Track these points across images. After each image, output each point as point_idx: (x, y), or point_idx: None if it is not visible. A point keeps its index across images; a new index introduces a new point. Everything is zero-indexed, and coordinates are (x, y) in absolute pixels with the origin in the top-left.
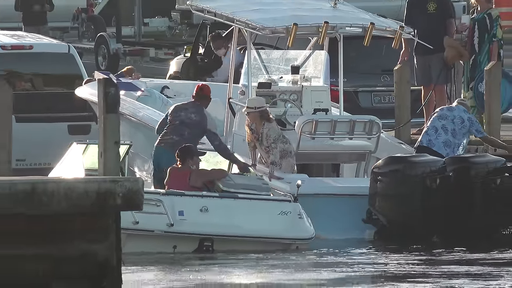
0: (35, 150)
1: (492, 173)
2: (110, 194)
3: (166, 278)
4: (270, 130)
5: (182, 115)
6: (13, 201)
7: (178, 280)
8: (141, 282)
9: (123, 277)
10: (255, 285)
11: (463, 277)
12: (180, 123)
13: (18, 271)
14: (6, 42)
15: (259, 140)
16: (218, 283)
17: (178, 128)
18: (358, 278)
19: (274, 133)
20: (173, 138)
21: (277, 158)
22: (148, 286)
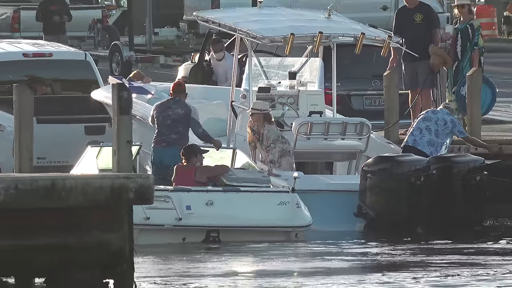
0: (55, 149)
1: (472, 171)
2: (123, 189)
3: (176, 267)
4: (269, 132)
5: (170, 113)
6: (34, 196)
7: (188, 268)
8: (154, 270)
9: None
10: (258, 272)
11: (447, 266)
12: (172, 121)
13: (40, 259)
14: (28, 50)
15: (260, 140)
16: (225, 271)
17: (172, 126)
18: (350, 266)
19: (273, 134)
20: (171, 136)
21: (276, 157)
22: (160, 272)
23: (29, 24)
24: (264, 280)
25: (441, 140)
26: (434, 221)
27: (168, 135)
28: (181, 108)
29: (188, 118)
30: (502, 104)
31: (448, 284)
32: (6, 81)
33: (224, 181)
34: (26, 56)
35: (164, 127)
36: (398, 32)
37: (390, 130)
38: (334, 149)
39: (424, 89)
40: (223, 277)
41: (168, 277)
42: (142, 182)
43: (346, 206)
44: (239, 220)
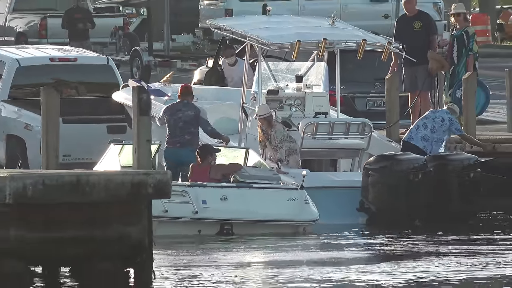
0: (79, 147)
1: (466, 168)
2: (143, 184)
3: (192, 258)
4: (276, 133)
5: (181, 116)
6: (60, 191)
7: (203, 258)
8: (171, 259)
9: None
10: (268, 262)
11: (445, 255)
12: (184, 123)
13: (66, 251)
14: (55, 55)
15: (268, 140)
16: (237, 261)
17: (184, 128)
18: (354, 256)
19: (280, 134)
20: (184, 137)
21: (283, 156)
22: (177, 262)
23: (55, 31)
24: (274, 270)
25: (437, 136)
26: (431, 215)
27: (181, 136)
28: (190, 110)
29: (197, 119)
30: (495, 105)
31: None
32: (34, 84)
33: (237, 178)
34: (53, 61)
35: (176, 129)
36: (399, 39)
37: (391, 130)
38: (338, 147)
39: (422, 92)
40: (236, 267)
41: (184, 267)
42: (160, 178)
43: (349, 201)
44: (251, 214)
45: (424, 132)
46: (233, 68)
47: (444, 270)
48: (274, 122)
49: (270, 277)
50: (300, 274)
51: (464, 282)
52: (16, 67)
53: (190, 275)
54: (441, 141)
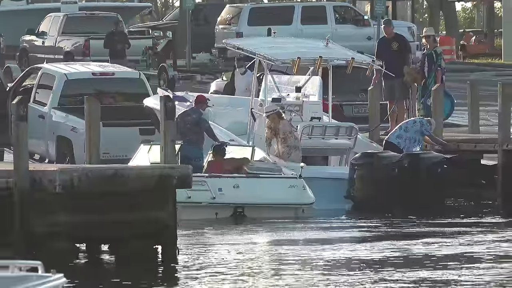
0: (116, 146)
1: (435, 164)
2: (168, 177)
3: (210, 236)
4: (284, 126)
5: (189, 119)
6: (101, 182)
7: (220, 236)
8: (192, 238)
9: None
10: (273, 242)
11: (418, 236)
12: (191, 125)
13: (106, 231)
14: (96, 70)
15: (277, 133)
16: (249, 238)
17: (192, 129)
18: (344, 235)
19: (288, 127)
20: (192, 138)
21: (293, 144)
22: (197, 241)
23: (96, 50)
24: (278, 247)
25: (410, 135)
26: (406, 202)
27: (190, 135)
28: (195, 115)
29: (200, 120)
30: (459, 111)
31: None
32: (79, 94)
33: (247, 170)
34: (95, 75)
35: (185, 129)
36: (379, 57)
37: (373, 132)
38: (329, 146)
39: (399, 100)
40: (247, 245)
41: (203, 244)
42: (183, 171)
43: (338, 190)
44: (259, 199)
45: (399, 132)
46: (242, 76)
47: (414, 247)
48: (282, 116)
49: (275, 254)
50: (300, 250)
51: (429, 256)
52: (65, 80)
53: (208, 251)
54: (414, 140)
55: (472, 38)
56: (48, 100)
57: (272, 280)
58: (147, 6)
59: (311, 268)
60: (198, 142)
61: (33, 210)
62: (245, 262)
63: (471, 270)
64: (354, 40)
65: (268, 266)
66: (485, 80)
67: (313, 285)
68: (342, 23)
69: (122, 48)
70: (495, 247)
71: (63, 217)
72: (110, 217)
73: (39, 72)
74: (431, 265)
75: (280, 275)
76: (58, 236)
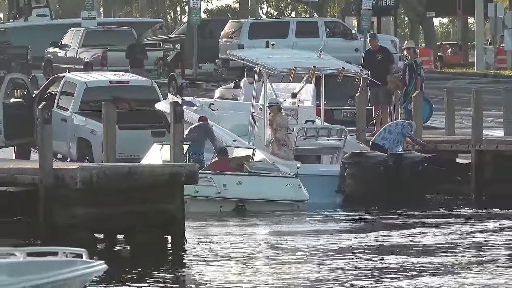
0: (130, 146)
1: (416, 163)
2: (177, 174)
3: (215, 227)
4: (280, 119)
5: (195, 129)
6: (117, 178)
7: (224, 227)
8: (199, 229)
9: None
10: (271, 233)
11: (401, 226)
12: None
13: (121, 222)
14: (113, 79)
15: (271, 124)
16: (250, 230)
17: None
18: (337, 226)
19: (284, 120)
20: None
21: (282, 137)
22: (204, 231)
23: (113, 61)
24: (276, 237)
25: (393, 136)
26: (391, 197)
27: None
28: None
29: (205, 133)
30: (437, 115)
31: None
32: (97, 100)
33: (248, 169)
34: (111, 83)
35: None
36: (366, 67)
37: (360, 135)
38: (321, 146)
39: (383, 106)
40: (248, 235)
41: (209, 235)
42: (190, 169)
43: (330, 186)
44: (259, 195)
45: (384, 134)
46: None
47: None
48: (281, 110)
49: (272, 243)
50: (295, 240)
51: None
52: (84, 88)
53: (213, 241)
54: (397, 141)
55: (448, 50)
56: (69, 106)
57: (270, 266)
58: (158, 22)
59: (305, 256)
60: (201, 146)
61: (56, 204)
62: (245, 250)
63: (447, 256)
64: (343, 52)
65: (266, 254)
66: (460, 88)
67: (306, 270)
68: (332, 36)
69: (141, 59)
70: (469, 236)
71: (83, 210)
72: (124, 210)
73: (62, 81)
74: (412, 252)
75: (277, 262)
76: (79, 227)
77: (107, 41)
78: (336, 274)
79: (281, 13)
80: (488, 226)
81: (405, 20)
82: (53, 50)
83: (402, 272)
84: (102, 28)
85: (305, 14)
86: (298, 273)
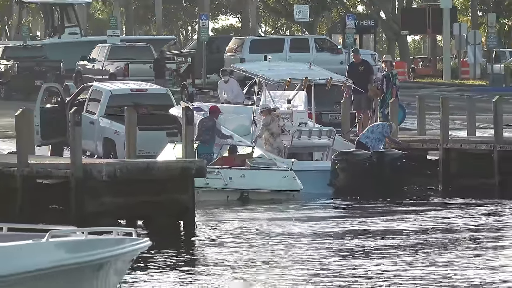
0: (148, 145)
1: (396, 159)
2: (188, 168)
3: (222, 214)
4: (270, 119)
5: (205, 125)
6: (137, 172)
7: (230, 214)
8: (208, 216)
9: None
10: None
11: (383, 213)
12: (206, 129)
13: (140, 210)
14: (133, 88)
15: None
16: (252, 216)
17: (206, 132)
18: (326, 214)
19: (265, 121)
20: (206, 138)
21: (261, 135)
22: (212, 218)
23: (134, 72)
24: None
25: (375, 136)
26: (375, 189)
27: (204, 137)
28: (211, 123)
29: (213, 127)
30: (410, 118)
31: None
32: (120, 105)
33: (250, 164)
34: (132, 91)
35: (201, 131)
36: (349, 77)
37: (345, 135)
38: (314, 145)
39: (365, 110)
40: (250, 221)
41: (217, 220)
42: (199, 164)
43: (322, 179)
44: (260, 186)
45: (367, 133)
46: (226, 84)
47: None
48: (270, 112)
49: (272, 227)
50: (291, 225)
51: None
52: (109, 95)
53: (220, 226)
54: (378, 140)
55: (420, 63)
56: (97, 110)
57: (269, 246)
58: (172, 39)
59: (299, 238)
60: (210, 142)
61: (85, 194)
62: (248, 233)
63: (419, 238)
64: (330, 64)
65: (266, 236)
66: (429, 95)
67: (298, 248)
68: (321, 51)
69: (164, 70)
70: (438, 221)
71: (108, 200)
72: (143, 199)
73: (90, 89)
74: (390, 234)
75: (275, 243)
76: (104, 214)
77: (128, 55)
78: (321, 252)
79: (277, 31)
80: (454, 213)
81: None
82: (82, 63)
83: (382, 250)
84: (125, 44)
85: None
86: (291, 250)
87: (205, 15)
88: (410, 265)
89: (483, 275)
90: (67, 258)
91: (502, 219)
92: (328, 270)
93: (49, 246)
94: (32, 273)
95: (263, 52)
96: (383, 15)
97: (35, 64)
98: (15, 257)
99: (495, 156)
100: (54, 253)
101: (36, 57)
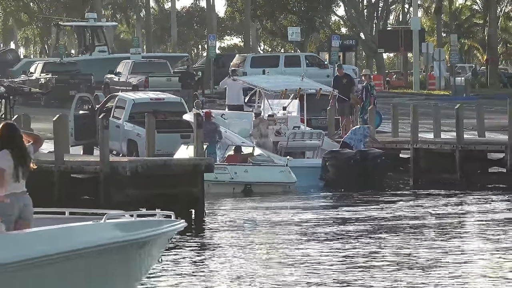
0: (165, 145)
1: (377, 157)
2: (199, 165)
3: (228, 203)
4: (259, 122)
5: (208, 127)
6: (155, 168)
7: (235, 203)
8: (216, 206)
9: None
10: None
11: (364, 202)
12: (210, 132)
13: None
14: (153, 97)
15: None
16: (253, 206)
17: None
18: (317, 203)
19: (255, 122)
20: (209, 140)
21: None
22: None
23: (153, 84)
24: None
25: (357, 137)
26: (359, 183)
27: (207, 139)
28: (213, 126)
29: (216, 129)
30: (385, 123)
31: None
32: (141, 112)
33: (251, 161)
34: (152, 100)
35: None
36: (335, 88)
37: (331, 137)
38: (306, 145)
39: (347, 116)
40: (252, 210)
41: (224, 209)
42: (208, 161)
43: (314, 174)
44: (260, 179)
45: (350, 135)
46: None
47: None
48: (260, 118)
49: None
50: (287, 213)
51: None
52: (132, 103)
53: (227, 214)
54: (360, 140)
55: (394, 76)
56: (122, 116)
57: (269, 231)
58: (185, 56)
59: (293, 225)
60: (212, 142)
61: (112, 187)
62: (251, 220)
63: (392, 224)
64: (318, 77)
65: (265, 223)
66: (402, 103)
67: (293, 233)
68: (310, 66)
69: (189, 82)
70: (409, 210)
71: (131, 191)
72: (161, 191)
73: (116, 98)
74: (367, 220)
75: (273, 227)
76: (128, 204)
77: (148, 69)
78: (311, 235)
79: (273, 49)
80: (423, 203)
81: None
82: (110, 76)
83: (361, 233)
84: (145, 60)
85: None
86: (287, 234)
87: (213, 36)
88: (384, 245)
89: (445, 255)
90: (122, 236)
91: (463, 207)
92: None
93: (107, 226)
94: (94, 249)
95: (262, 67)
96: (362, 36)
97: (70, 77)
98: (80, 235)
99: (457, 155)
100: (111, 232)
101: (71, 71)
